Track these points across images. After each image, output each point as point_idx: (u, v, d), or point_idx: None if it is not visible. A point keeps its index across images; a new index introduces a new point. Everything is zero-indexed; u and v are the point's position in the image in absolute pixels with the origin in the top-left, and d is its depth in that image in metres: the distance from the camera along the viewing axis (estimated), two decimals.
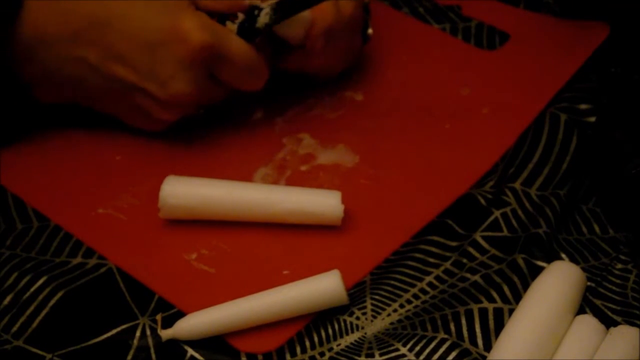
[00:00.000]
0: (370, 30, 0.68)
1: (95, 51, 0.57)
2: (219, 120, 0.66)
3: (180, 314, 0.53)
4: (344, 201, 0.57)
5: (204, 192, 0.58)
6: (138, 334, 0.53)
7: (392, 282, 0.56)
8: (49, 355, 0.52)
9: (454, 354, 0.51)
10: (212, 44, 0.56)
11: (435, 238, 0.58)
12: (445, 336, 0.52)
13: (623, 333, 0.50)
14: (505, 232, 0.58)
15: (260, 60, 0.60)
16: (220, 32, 0.57)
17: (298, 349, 0.53)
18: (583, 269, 0.55)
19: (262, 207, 0.57)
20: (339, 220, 0.57)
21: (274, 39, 0.61)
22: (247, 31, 0.59)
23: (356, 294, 0.55)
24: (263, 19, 0.59)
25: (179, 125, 0.63)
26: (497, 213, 0.58)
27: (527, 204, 0.59)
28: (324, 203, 0.57)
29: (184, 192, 0.57)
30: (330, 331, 0.54)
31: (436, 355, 0.51)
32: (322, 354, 0.52)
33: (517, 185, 0.60)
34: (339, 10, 0.61)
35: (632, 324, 0.53)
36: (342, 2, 0.62)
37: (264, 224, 0.58)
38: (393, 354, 0.52)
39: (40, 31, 0.57)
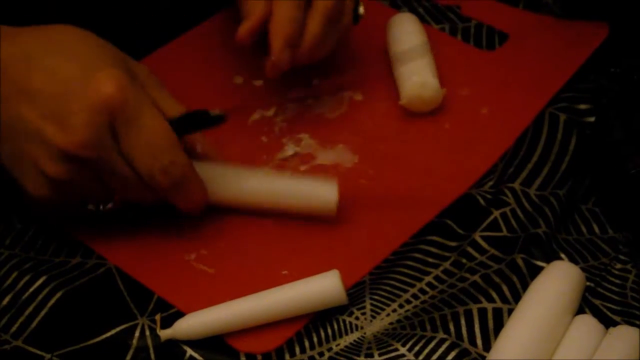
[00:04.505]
0: (361, 10, 0.66)
1: (8, 85, 0.53)
2: None
3: (180, 314, 0.53)
4: (343, 201, 0.57)
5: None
6: (137, 334, 0.53)
7: (392, 282, 0.56)
8: (48, 355, 0.52)
9: (453, 354, 0.51)
10: (123, 101, 0.52)
11: (435, 238, 0.58)
12: (445, 336, 0.52)
13: (622, 333, 0.50)
14: (505, 232, 0.58)
15: (174, 147, 0.54)
16: (138, 97, 0.53)
17: (297, 349, 0.53)
18: (582, 269, 0.55)
19: (255, 191, 0.57)
20: (334, 205, 0.57)
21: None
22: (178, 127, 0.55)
23: (355, 294, 0.55)
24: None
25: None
26: (496, 213, 0.58)
27: (526, 204, 0.59)
28: (318, 186, 0.57)
29: None
30: (329, 331, 0.54)
31: (435, 355, 0.51)
32: (321, 354, 0.52)
33: (516, 185, 0.60)
34: None
35: (632, 324, 0.52)
36: None
37: (264, 223, 0.58)
38: (392, 354, 0.52)
39: None
